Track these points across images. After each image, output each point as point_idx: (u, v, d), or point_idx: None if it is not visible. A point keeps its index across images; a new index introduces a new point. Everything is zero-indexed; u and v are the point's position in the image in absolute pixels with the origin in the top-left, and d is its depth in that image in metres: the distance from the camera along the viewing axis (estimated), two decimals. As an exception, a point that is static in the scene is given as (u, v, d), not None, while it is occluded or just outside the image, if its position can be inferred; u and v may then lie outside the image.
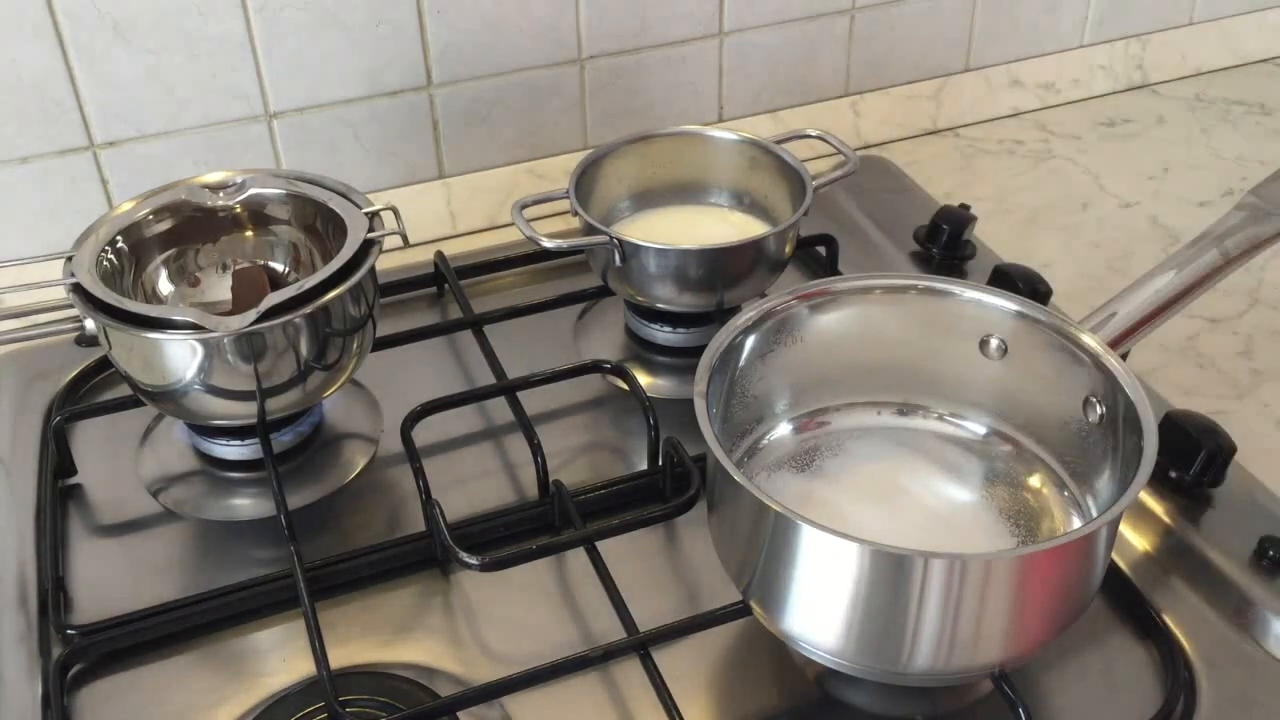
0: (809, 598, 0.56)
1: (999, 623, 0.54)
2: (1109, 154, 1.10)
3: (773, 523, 0.55)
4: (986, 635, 0.55)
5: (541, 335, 0.86)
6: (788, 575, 0.55)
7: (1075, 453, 0.65)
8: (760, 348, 0.66)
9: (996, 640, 0.55)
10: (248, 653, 0.66)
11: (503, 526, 0.71)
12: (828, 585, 0.55)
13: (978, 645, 0.55)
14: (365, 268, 0.70)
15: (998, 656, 0.56)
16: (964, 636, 0.54)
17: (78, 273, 0.68)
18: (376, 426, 0.79)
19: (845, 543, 0.52)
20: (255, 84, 0.89)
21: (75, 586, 0.69)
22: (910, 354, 0.69)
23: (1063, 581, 0.55)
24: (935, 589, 0.52)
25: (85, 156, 0.88)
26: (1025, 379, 0.66)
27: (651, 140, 0.87)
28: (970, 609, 0.53)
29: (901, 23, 1.09)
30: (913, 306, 0.68)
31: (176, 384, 0.68)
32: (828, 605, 0.55)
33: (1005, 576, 0.53)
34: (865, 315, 0.68)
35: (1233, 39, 1.24)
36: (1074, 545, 0.54)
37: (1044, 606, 0.55)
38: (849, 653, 0.56)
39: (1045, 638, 0.57)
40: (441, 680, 0.64)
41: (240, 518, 0.73)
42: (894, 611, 0.54)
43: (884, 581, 0.53)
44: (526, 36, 0.95)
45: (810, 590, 0.56)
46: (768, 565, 0.56)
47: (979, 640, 0.55)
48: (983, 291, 0.66)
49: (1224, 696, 0.62)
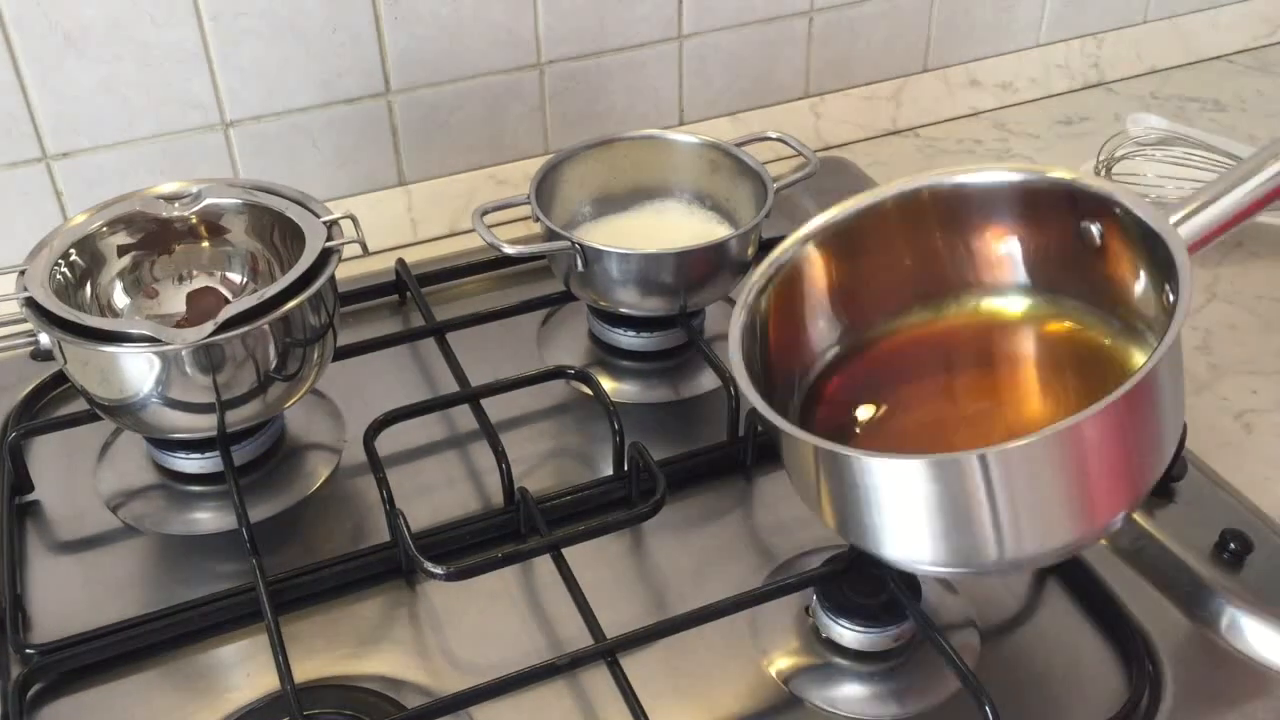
0: (885, 518, 0.56)
1: (1061, 499, 0.54)
2: (1067, 152, 1.11)
3: (827, 462, 0.56)
4: (1054, 514, 0.55)
5: (505, 342, 0.86)
6: (862, 505, 0.56)
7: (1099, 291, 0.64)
8: (784, 296, 0.66)
9: (1063, 516, 0.55)
10: (211, 668, 0.65)
11: (468, 535, 0.71)
12: (891, 503, 0.55)
13: (1047, 525, 0.55)
14: (324, 277, 0.69)
15: (1076, 530, 0.56)
16: (1027, 521, 0.54)
17: (31, 286, 0.67)
18: (339, 437, 0.79)
19: (888, 461, 0.53)
20: (211, 93, 0.88)
21: (34, 605, 0.68)
22: (929, 254, 0.68)
23: (1125, 438, 0.55)
24: (975, 482, 0.53)
25: (38, 168, 0.86)
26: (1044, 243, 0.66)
27: (612, 144, 0.87)
28: (1022, 493, 0.53)
29: (860, 24, 1.09)
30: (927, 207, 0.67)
31: (134, 398, 0.67)
32: (902, 521, 0.56)
33: (1049, 455, 0.53)
34: (879, 231, 0.67)
35: (1186, 37, 1.25)
36: (1114, 405, 0.52)
37: (1113, 472, 0.55)
38: (945, 562, 0.57)
39: (1126, 503, 0.57)
40: (408, 692, 0.63)
41: (201, 531, 0.73)
42: (963, 511, 0.54)
43: (942, 486, 0.53)
44: (485, 41, 0.95)
45: (879, 511, 0.56)
46: (842, 503, 0.57)
47: (1046, 519, 0.55)
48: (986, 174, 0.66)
49: (1188, 689, 0.63)
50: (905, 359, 0.69)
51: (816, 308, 0.68)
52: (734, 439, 0.76)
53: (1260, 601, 0.65)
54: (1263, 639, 0.64)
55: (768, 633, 0.66)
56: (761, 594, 0.65)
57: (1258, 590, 0.66)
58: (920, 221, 0.67)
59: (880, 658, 0.64)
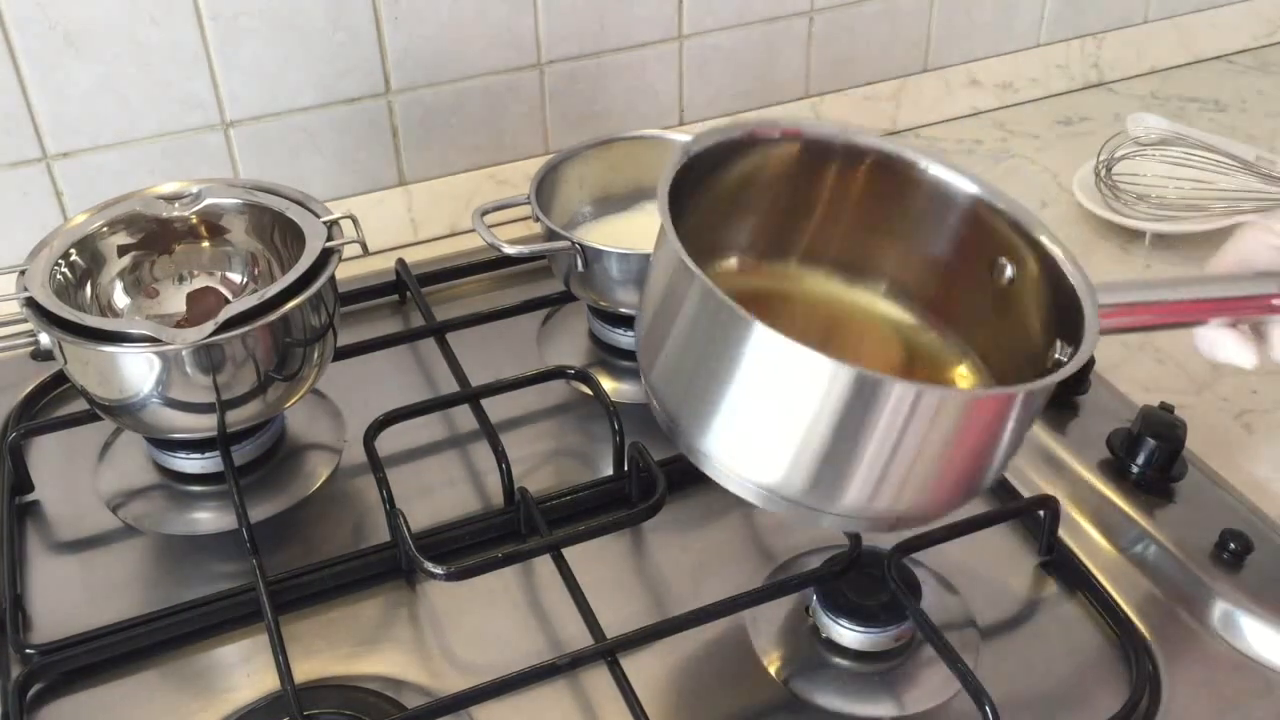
0: (752, 422, 0.52)
1: (925, 468, 0.52)
2: (1067, 152, 1.11)
3: (722, 326, 0.51)
4: (910, 481, 0.53)
5: (505, 342, 0.86)
6: (723, 386, 0.52)
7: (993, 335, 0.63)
8: (728, 169, 0.62)
9: (914, 488, 0.53)
10: (211, 668, 0.65)
11: (468, 535, 0.71)
12: (776, 407, 0.51)
13: (899, 489, 0.53)
14: (324, 277, 0.69)
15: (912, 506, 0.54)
16: (892, 477, 0.52)
17: (31, 286, 0.67)
18: (339, 437, 0.79)
19: (809, 354, 0.49)
20: (211, 93, 0.88)
21: (34, 605, 0.68)
22: (857, 220, 0.66)
23: (987, 439, 0.53)
24: (887, 414, 0.50)
25: (39, 168, 0.86)
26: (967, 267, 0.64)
27: (612, 144, 0.87)
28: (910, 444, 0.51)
29: (860, 24, 1.09)
30: (868, 172, 0.64)
31: (134, 398, 0.67)
32: (772, 430, 0.52)
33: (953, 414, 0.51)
34: (822, 171, 0.65)
35: (1186, 37, 1.25)
36: (1009, 398, 0.52)
37: (965, 461, 0.54)
38: (782, 484, 0.53)
39: (948, 501, 0.55)
40: (409, 692, 0.63)
41: (201, 531, 0.73)
42: (839, 442, 0.51)
43: (839, 404, 0.50)
44: (485, 41, 0.95)
45: (755, 413, 0.52)
46: (702, 372, 0.53)
47: (902, 483, 0.53)
48: (946, 170, 0.63)
49: (1188, 689, 0.63)
50: (773, 309, 0.65)
51: (752, 200, 0.64)
52: (734, 439, 0.76)
53: (1260, 601, 0.65)
54: (1263, 639, 0.64)
55: (768, 633, 0.66)
56: (761, 594, 0.65)
57: (1258, 590, 0.66)
58: (858, 181, 0.65)
59: (880, 658, 0.64)
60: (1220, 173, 0.98)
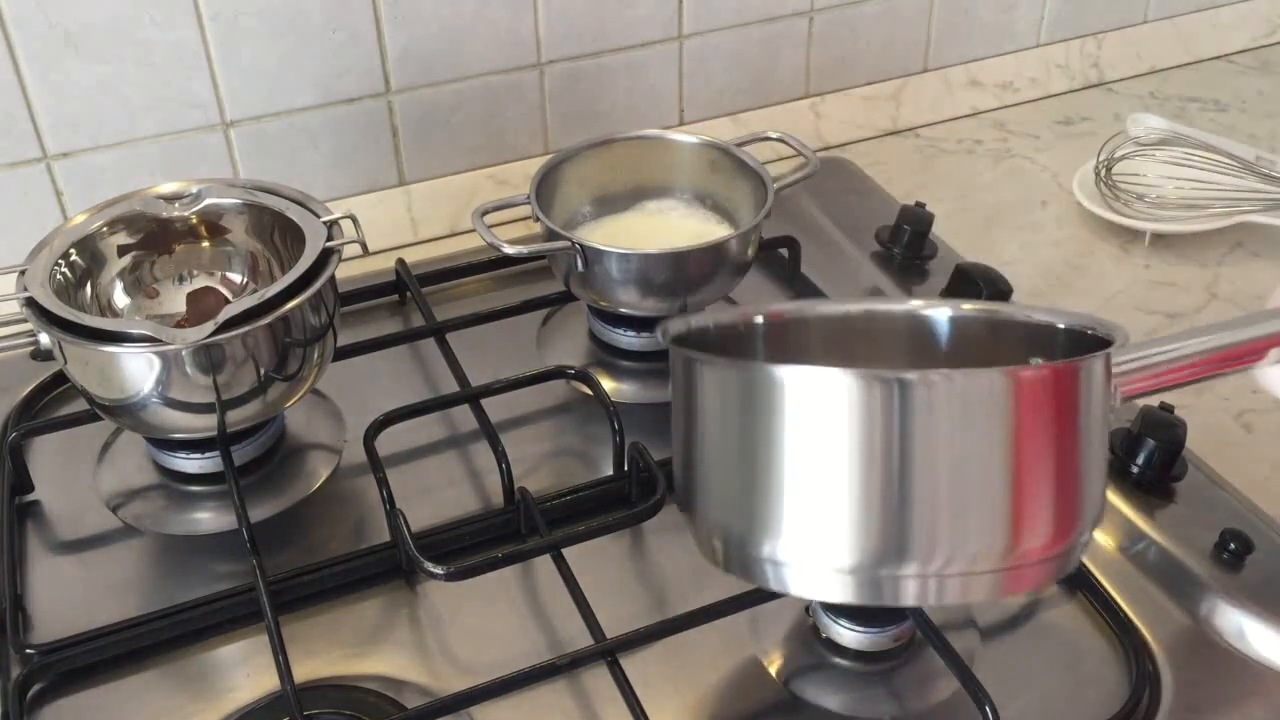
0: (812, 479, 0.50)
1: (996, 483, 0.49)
2: (1068, 152, 1.11)
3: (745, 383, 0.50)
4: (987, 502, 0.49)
5: (505, 342, 0.86)
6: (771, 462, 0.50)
7: None
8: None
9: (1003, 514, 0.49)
10: (211, 669, 0.65)
11: (468, 535, 0.71)
12: (828, 452, 0.49)
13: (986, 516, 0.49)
14: (325, 277, 0.69)
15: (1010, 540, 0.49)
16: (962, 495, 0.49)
17: (31, 286, 0.67)
18: (339, 437, 0.79)
19: (830, 372, 0.47)
20: (211, 93, 0.88)
21: (34, 605, 0.68)
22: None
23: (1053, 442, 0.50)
24: (919, 410, 0.47)
25: (38, 168, 0.86)
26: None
27: (612, 144, 0.87)
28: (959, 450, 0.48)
29: (860, 24, 1.09)
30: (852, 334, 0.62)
31: (134, 398, 0.67)
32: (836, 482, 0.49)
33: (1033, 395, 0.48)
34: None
35: (1186, 37, 1.25)
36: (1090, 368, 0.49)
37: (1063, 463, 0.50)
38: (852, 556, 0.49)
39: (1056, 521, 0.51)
40: (409, 692, 0.63)
41: (201, 531, 0.73)
42: (886, 465, 0.48)
43: (875, 412, 0.48)
44: (485, 41, 0.95)
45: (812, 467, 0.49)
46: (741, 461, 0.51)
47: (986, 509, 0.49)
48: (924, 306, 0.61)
49: (1188, 689, 0.63)
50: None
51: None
52: (734, 439, 0.76)
53: (1260, 601, 0.65)
54: (1263, 639, 0.64)
55: (768, 633, 0.66)
56: (761, 594, 0.65)
57: (1258, 590, 0.66)
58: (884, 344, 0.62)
59: (880, 658, 0.64)
60: (1220, 173, 0.98)
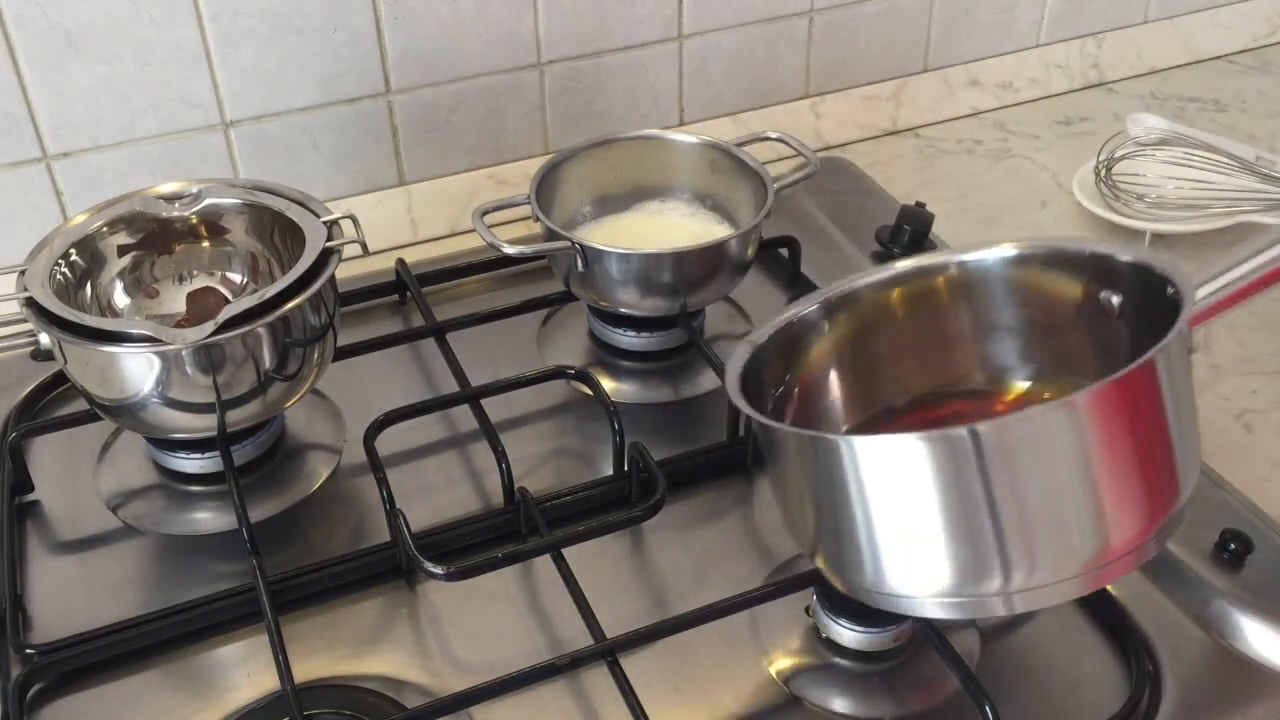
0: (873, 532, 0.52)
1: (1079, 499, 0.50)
2: (1067, 152, 1.11)
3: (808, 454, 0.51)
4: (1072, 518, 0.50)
5: (505, 342, 0.86)
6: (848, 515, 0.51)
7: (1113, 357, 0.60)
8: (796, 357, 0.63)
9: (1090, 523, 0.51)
10: (211, 668, 0.65)
11: (468, 535, 0.71)
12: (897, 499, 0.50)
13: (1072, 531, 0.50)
14: (325, 277, 0.69)
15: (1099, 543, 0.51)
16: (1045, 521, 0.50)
17: (31, 286, 0.67)
18: (339, 437, 0.79)
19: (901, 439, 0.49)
20: (211, 93, 0.88)
21: (34, 604, 0.68)
22: (927, 345, 0.66)
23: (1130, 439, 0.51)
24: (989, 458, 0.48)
25: (39, 168, 0.86)
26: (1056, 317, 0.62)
27: (612, 144, 0.87)
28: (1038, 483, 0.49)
29: (860, 24, 1.09)
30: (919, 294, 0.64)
31: (134, 398, 0.67)
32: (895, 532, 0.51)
33: (1047, 435, 0.49)
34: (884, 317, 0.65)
35: (1186, 37, 1.25)
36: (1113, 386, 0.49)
37: (1123, 472, 0.51)
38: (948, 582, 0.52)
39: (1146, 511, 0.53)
40: (409, 692, 0.63)
41: (201, 531, 0.73)
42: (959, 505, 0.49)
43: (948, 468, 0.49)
44: (485, 41, 0.95)
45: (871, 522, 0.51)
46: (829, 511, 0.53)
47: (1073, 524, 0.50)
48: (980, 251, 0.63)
49: (1188, 690, 0.63)
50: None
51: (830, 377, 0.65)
52: (734, 439, 0.76)
53: (1260, 601, 0.65)
54: (1263, 639, 0.64)
55: (768, 633, 0.66)
56: (761, 594, 0.65)
57: (1258, 590, 0.66)
58: (935, 299, 0.64)
59: (880, 658, 0.64)
60: (1220, 173, 0.98)
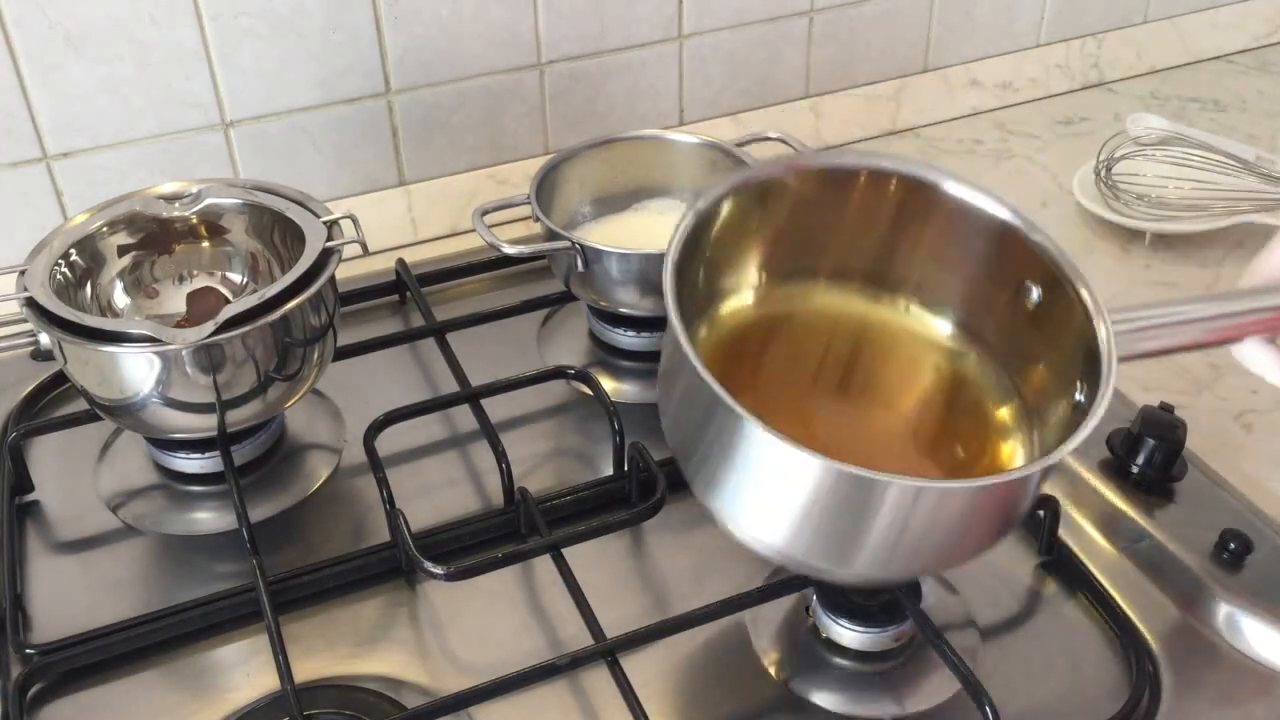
0: (753, 495, 0.55)
1: (938, 540, 0.54)
2: (1067, 152, 1.11)
3: (722, 416, 0.53)
4: (924, 549, 0.54)
5: (505, 342, 0.86)
6: (732, 468, 0.54)
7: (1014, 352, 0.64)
8: (738, 213, 0.63)
9: (931, 555, 0.55)
10: (211, 668, 0.65)
11: (468, 535, 0.71)
12: (777, 489, 0.53)
13: (913, 558, 0.55)
14: (324, 277, 0.69)
15: (926, 567, 0.59)
16: (904, 550, 0.53)
17: (31, 286, 0.67)
18: (339, 437, 0.79)
19: (802, 455, 0.51)
20: (211, 93, 0.88)
21: (34, 604, 0.68)
22: (886, 239, 0.66)
23: (1005, 508, 0.55)
24: (888, 509, 0.51)
25: (39, 168, 0.86)
26: (997, 288, 0.64)
27: (612, 144, 0.87)
28: (917, 528, 0.53)
29: (860, 24, 1.09)
30: (898, 194, 0.65)
31: (134, 398, 0.67)
32: (774, 505, 0.54)
33: (957, 503, 0.53)
34: (849, 195, 0.65)
35: (1186, 37, 1.25)
36: (1024, 480, 0.53)
37: (983, 529, 0.55)
38: (789, 551, 0.55)
39: (972, 556, 0.57)
40: (408, 692, 0.63)
41: (201, 531, 0.73)
42: (842, 523, 0.53)
43: (838, 497, 0.52)
44: (485, 41, 0.95)
45: (756, 488, 0.54)
46: (713, 453, 0.55)
47: (916, 553, 0.54)
48: (968, 190, 0.63)
49: (1188, 689, 0.63)
50: (802, 328, 0.67)
51: (758, 242, 0.65)
52: (734, 439, 0.76)
53: (1260, 601, 0.65)
54: (1263, 639, 0.64)
55: (768, 633, 0.66)
56: (761, 594, 0.65)
57: (1258, 590, 0.66)
58: (884, 203, 0.65)
59: (880, 658, 0.64)
60: (1220, 173, 0.98)
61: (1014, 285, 0.62)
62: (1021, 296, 0.62)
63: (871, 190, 0.65)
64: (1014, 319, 0.63)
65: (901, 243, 0.66)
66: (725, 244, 0.63)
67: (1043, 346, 0.61)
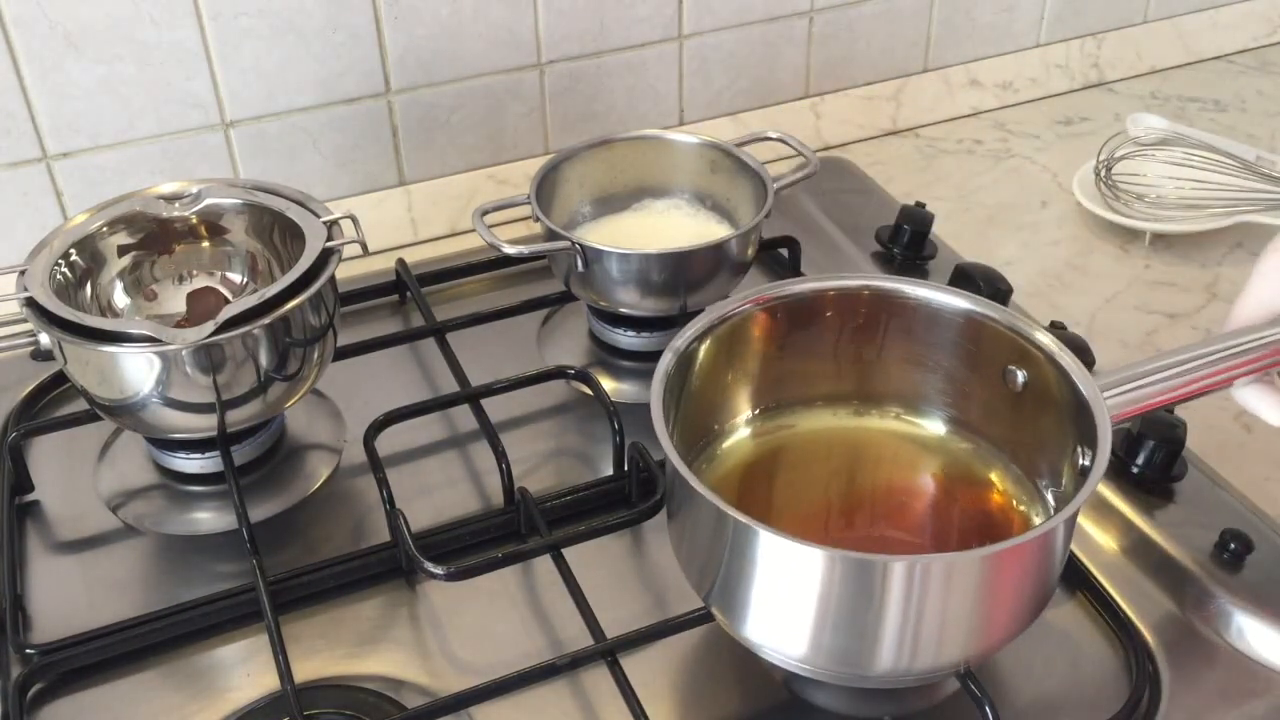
0: (770, 604, 0.56)
1: (962, 622, 0.55)
2: (1067, 152, 1.11)
3: (732, 530, 0.55)
4: (950, 635, 0.55)
5: (505, 342, 0.86)
6: (748, 582, 0.55)
7: (1011, 435, 0.65)
8: (717, 351, 0.65)
9: (960, 639, 0.55)
10: (211, 668, 0.65)
11: (468, 535, 0.71)
12: (788, 591, 0.55)
13: (941, 645, 0.55)
14: (324, 277, 0.69)
15: (960, 655, 0.56)
16: (927, 637, 0.54)
17: (31, 286, 0.67)
18: (339, 437, 0.79)
19: (805, 548, 0.52)
20: (211, 92, 0.88)
21: (34, 605, 0.68)
22: (864, 354, 0.69)
23: (1023, 578, 0.56)
24: (896, 591, 0.52)
25: (38, 168, 0.86)
26: (981, 378, 0.66)
27: (612, 144, 0.87)
28: (933, 609, 0.53)
29: (860, 24, 1.09)
30: (867, 307, 0.67)
31: (134, 398, 0.67)
32: (789, 611, 0.55)
33: (967, 576, 0.53)
34: (820, 317, 0.67)
35: (1186, 37, 1.25)
36: (1033, 543, 0.54)
37: (1007, 603, 0.56)
38: (813, 658, 0.56)
39: (1009, 634, 0.57)
40: (408, 692, 0.63)
41: (201, 531, 0.73)
42: (856, 615, 0.54)
43: (846, 586, 0.53)
44: (485, 41, 0.95)
45: (771, 596, 0.55)
46: (728, 572, 0.56)
47: (942, 640, 0.55)
48: (931, 290, 0.65)
49: (1188, 689, 0.63)
50: (800, 455, 0.69)
51: (741, 379, 0.68)
52: (734, 439, 0.76)
53: (1260, 601, 0.65)
54: (1263, 639, 0.64)
55: (768, 633, 0.66)
56: (761, 594, 0.65)
57: (1258, 590, 0.66)
58: (855, 318, 0.67)
59: (880, 658, 0.64)
60: (1220, 173, 0.98)
61: (998, 372, 0.64)
62: (1008, 381, 0.64)
63: (843, 307, 0.67)
64: (1005, 404, 0.65)
65: (880, 354, 0.68)
66: (709, 385, 0.66)
67: (1038, 422, 0.63)
